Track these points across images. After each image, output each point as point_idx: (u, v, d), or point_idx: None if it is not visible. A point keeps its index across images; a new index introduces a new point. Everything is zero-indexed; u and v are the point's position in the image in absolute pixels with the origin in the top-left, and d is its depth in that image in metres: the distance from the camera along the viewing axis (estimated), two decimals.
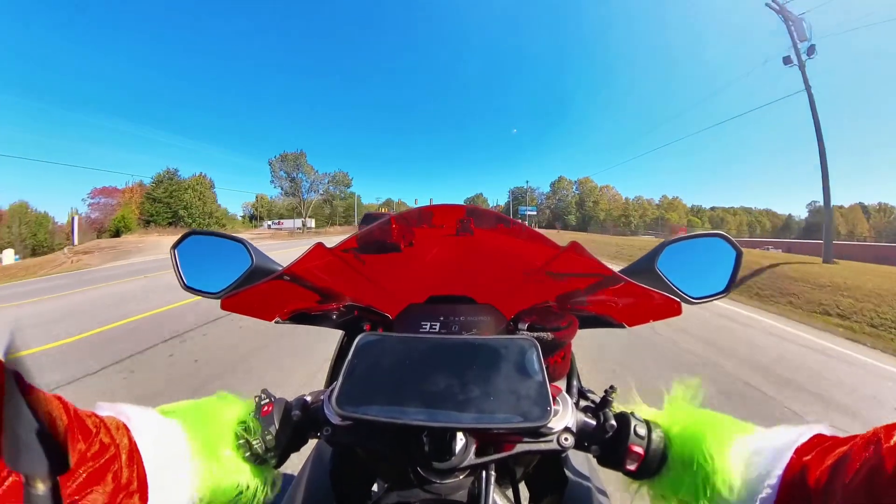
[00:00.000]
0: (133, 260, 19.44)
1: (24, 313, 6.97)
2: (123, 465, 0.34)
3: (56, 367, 3.94)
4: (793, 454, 0.37)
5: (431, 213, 0.70)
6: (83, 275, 13.79)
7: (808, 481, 0.34)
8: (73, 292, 9.26)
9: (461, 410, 0.44)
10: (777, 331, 6.18)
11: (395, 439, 0.50)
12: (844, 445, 0.34)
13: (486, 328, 0.68)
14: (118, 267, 16.31)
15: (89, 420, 0.33)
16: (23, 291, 10.00)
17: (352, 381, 0.49)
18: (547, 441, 0.49)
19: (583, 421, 0.53)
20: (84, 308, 7.16)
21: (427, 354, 0.51)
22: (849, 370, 4.43)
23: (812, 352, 5.09)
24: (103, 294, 8.79)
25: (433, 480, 0.48)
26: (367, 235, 0.66)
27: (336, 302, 0.76)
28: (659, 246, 0.66)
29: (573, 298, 0.70)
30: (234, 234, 0.81)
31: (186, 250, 0.73)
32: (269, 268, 0.69)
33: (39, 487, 0.24)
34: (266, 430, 0.51)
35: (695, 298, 0.62)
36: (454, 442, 0.46)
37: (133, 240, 31.68)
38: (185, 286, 0.71)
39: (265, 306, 0.71)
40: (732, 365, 4.26)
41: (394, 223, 0.67)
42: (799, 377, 4.01)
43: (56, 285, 10.91)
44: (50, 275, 15.10)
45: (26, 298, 8.70)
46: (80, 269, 16.31)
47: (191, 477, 0.42)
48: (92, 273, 14.29)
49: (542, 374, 0.48)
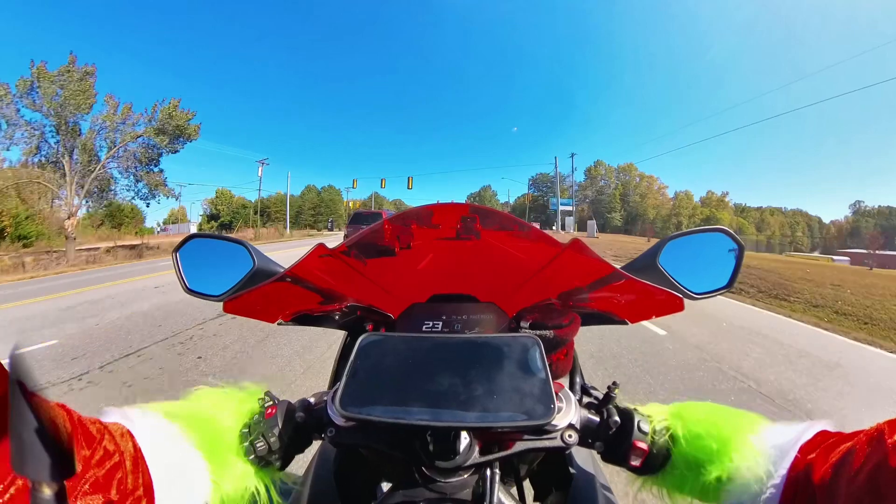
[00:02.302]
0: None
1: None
2: (128, 471, 0.34)
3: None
4: (797, 452, 0.37)
5: (431, 213, 0.70)
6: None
7: (812, 479, 0.34)
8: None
9: (465, 409, 0.44)
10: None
11: (399, 439, 0.50)
12: (848, 441, 0.34)
13: (489, 327, 0.68)
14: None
15: (93, 427, 0.33)
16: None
17: (355, 381, 0.49)
18: (551, 438, 0.50)
19: (586, 418, 0.53)
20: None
21: (430, 354, 0.51)
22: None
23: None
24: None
25: (438, 479, 0.48)
26: (358, 240, 0.66)
27: (338, 302, 0.76)
28: (661, 241, 0.66)
29: (575, 296, 0.70)
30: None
31: (188, 253, 0.73)
32: (271, 269, 0.69)
33: (46, 492, 0.24)
34: (270, 432, 0.51)
35: (697, 294, 0.62)
36: (458, 441, 0.46)
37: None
38: (187, 289, 0.71)
39: (267, 308, 0.71)
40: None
41: (386, 225, 0.66)
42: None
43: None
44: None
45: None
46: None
47: (196, 481, 0.42)
48: None
49: (545, 372, 0.48)
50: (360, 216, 18.58)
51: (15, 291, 9.05)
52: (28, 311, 6.77)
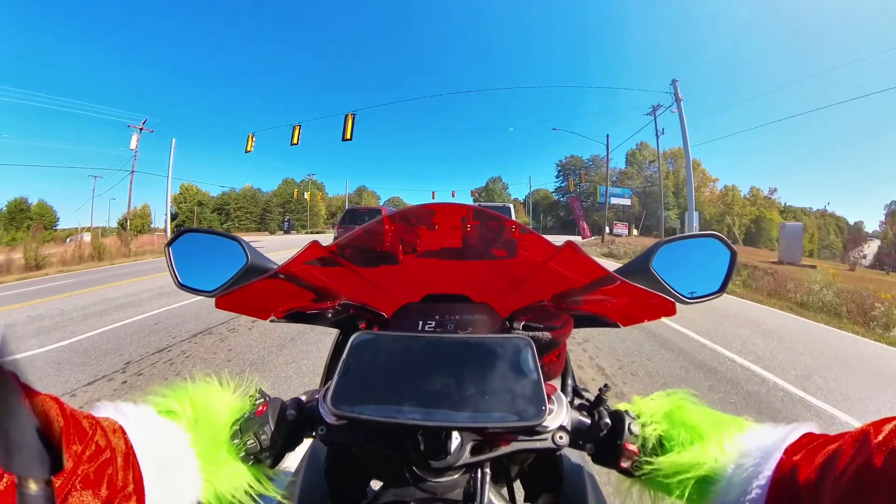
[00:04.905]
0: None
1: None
2: (119, 467, 0.34)
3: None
4: (782, 454, 0.38)
5: (432, 212, 0.69)
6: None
7: (798, 480, 0.34)
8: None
9: (456, 409, 0.45)
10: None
11: (391, 438, 0.50)
12: (834, 443, 0.34)
13: (482, 327, 0.69)
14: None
15: (85, 421, 0.33)
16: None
17: (347, 380, 0.49)
18: (542, 440, 0.50)
19: (577, 419, 0.53)
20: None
21: (422, 353, 0.52)
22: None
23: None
24: None
25: (428, 479, 0.48)
26: (352, 240, 0.64)
27: (331, 300, 0.76)
28: (654, 245, 0.66)
29: (568, 298, 0.71)
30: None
31: (181, 248, 0.72)
32: (265, 266, 0.69)
33: (32, 488, 0.23)
34: (261, 429, 0.50)
35: (689, 298, 0.63)
36: (449, 441, 0.47)
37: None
38: (179, 284, 0.71)
39: (260, 305, 0.70)
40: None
41: (387, 224, 0.65)
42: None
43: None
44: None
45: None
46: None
47: (187, 478, 0.42)
48: None
49: (537, 373, 0.48)
50: (356, 214, 15.65)
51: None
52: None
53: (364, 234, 0.64)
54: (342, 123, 20.50)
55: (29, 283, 10.82)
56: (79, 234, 28.79)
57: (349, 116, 20.55)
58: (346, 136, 20.65)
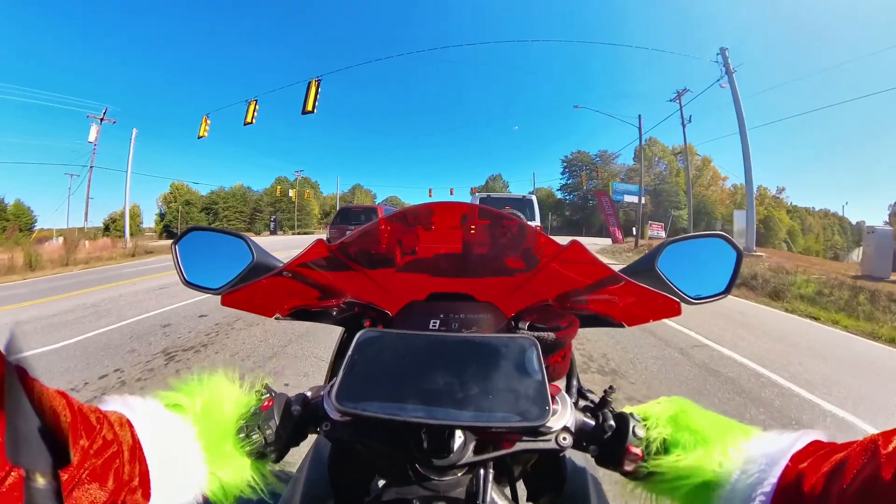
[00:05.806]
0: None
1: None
2: (125, 461, 0.34)
3: None
4: (788, 461, 0.37)
5: (431, 212, 0.69)
6: None
7: (803, 488, 0.34)
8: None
9: (460, 408, 0.45)
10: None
11: (394, 435, 0.50)
12: (841, 452, 0.33)
13: (487, 326, 0.68)
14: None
15: (92, 416, 0.34)
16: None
17: (351, 377, 0.49)
18: (545, 440, 0.50)
19: (581, 421, 0.53)
20: None
21: (427, 351, 0.52)
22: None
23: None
24: None
25: (431, 477, 0.48)
26: (355, 242, 0.64)
27: (336, 298, 0.76)
28: (660, 245, 0.66)
29: (573, 298, 0.70)
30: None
31: (187, 246, 0.73)
32: (270, 264, 0.69)
33: (39, 482, 0.24)
34: (266, 424, 0.51)
35: (694, 299, 0.63)
36: (453, 439, 0.47)
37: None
38: (185, 282, 0.71)
39: (265, 302, 0.71)
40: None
41: (383, 225, 0.64)
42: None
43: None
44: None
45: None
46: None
47: (193, 472, 0.43)
48: None
49: (542, 374, 0.48)
50: (350, 214, 14.55)
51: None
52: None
53: (364, 235, 0.64)
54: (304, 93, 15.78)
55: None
56: (53, 238, 25.38)
57: (313, 83, 15.71)
58: (307, 107, 15.91)
